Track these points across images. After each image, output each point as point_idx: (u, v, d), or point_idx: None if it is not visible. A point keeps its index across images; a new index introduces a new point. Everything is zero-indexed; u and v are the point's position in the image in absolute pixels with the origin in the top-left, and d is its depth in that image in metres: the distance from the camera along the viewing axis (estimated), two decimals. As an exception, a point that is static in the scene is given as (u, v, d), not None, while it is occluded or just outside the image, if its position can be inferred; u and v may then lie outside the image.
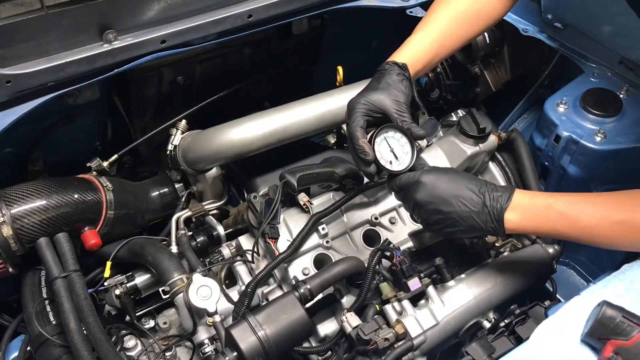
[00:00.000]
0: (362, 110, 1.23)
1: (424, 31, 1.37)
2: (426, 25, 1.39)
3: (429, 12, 1.43)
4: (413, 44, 1.36)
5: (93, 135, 1.89)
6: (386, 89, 1.24)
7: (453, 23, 1.39)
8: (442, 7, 1.41)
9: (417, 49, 1.35)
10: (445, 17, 1.39)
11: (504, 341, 1.40)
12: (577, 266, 1.98)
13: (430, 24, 1.39)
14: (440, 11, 1.40)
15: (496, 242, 1.47)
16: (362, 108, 1.23)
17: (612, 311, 1.01)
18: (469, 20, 1.41)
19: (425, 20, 1.41)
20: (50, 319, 1.40)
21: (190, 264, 1.50)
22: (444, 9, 1.40)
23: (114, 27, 1.46)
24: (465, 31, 1.42)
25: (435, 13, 1.40)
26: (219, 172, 1.70)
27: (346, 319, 1.27)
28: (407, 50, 1.34)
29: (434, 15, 1.40)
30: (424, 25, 1.39)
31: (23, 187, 1.43)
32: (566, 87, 1.77)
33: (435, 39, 1.37)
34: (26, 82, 1.39)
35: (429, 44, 1.36)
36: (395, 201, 1.58)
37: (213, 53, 1.80)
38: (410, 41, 1.36)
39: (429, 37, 1.37)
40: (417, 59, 1.33)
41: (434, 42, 1.36)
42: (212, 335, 1.35)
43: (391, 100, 1.23)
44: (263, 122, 1.56)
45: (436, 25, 1.38)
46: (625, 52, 1.70)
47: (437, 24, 1.38)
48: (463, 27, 1.41)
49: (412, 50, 1.34)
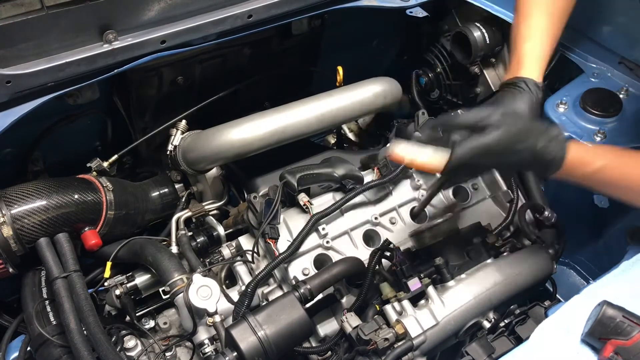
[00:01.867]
0: None
1: (532, 40, 1.37)
2: (529, 31, 1.38)
3: (522, 17, 1.41)
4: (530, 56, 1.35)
5: (93, 136, 1.89)
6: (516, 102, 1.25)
7: (550, 23, 1.39)
8: (534, 8, 1.40)
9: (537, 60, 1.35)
10: (541, 18, 1.39)
11: (504, 341, 1.40)
12: (577, 266, 1.98)
13: (532, 30, 1.38)
14: (535, 14, 1.40)
15: (496, 242, 1.47)
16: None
17: (612, 311, 1.01)
18: (560, 20, 1.42)
19: (523, 26, 1.39)
20: (51, 319, 1.40)
21: (190, 264, 1.50)
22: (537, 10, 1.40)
23: (114, 27, 1.46)
24: (559, 31, 1.43)
25: (531, 18, 1.39)
26: (219, 172, 1.70)
27: (346, 319, 1.27)
28: (529, 64, 1.33)
29: (531, 21, 1.39)
30: (527, 34, 1.38)
31: (23, 188, 1.43)
32: (566, 87, 1.77)
33: (545, 43, 1.37)
34: (26, 82, 1.39)
35: (543, 50, 1.36)
36: (395, 201, 1.58)
37: (213, 53, 1.80)
38: (526, 54, 1.35)
39: (540, 44, 1.37)
40: (541, 69, 1.35)
41: (544, 48, 1.37)
42: (212, 335, 1.35)
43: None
44: (263, 123, 1.56)
45: (539, 30, 1.38)
46: (625, 52, 1.70)
47: (538, 28, 1.38)
48: (558, 24, 1.42)
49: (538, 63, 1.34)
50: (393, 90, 1.74)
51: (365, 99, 1.68)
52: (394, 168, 1.53)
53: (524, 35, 1.38)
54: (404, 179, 1.62)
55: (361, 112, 1.70)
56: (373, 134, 2.38)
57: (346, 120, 1.71)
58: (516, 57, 1.36)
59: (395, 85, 1.75)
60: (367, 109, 1.70)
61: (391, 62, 2.40)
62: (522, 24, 1.40)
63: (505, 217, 1.57)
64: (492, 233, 1.49)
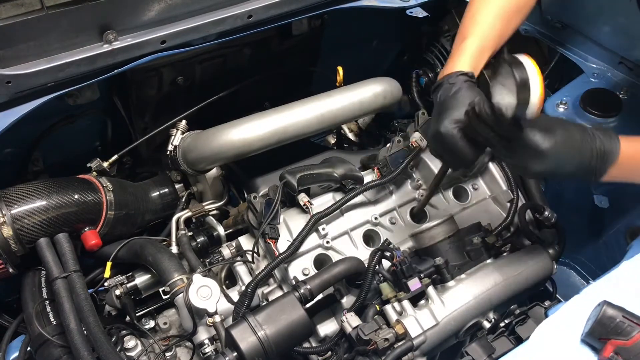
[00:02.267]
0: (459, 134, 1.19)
1: (475, 36, 1.36)
2: (473, 28, 1.37)
3: (472, 13, 1.41)
4: (469, 50, 1.34)
5: (93, 136, 1.89)
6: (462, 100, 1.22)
7: (498, 22, 1.38)
8: (484, 7, 1.40)
9: (474, 55, 1.34)
10: (490, 17, 1.38)
11: (504, 341, 1.40)
12: (577, 266, 1.98)
13: (477, 26, 1.38)
14: (484, 12, 1.39)
15: (496, 242, 1.47)
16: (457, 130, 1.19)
17: (612, 311, 1.01)
18: (512, 17, 1.41)
19: (470, 23, 1.39)
20: (51, 319, 1.40)
21: (190, 264, 1.50)
22: (486, 9, 1.39)
23: (114, 27, 1.46)
24: (509, 28, 1.42)
25: (479, 15, 1.39)
26: (219, 172, 1.70)
27: (346, 319, 1.27)
28: (465, 58, 1.32)
29: (478, 17, 1.39)
30: (472, 29, 1.37)
31: (23, 188, 1.43)
32: (566, 87, 1.77)
33: (487, 41, 1.36)
34: (26, 83, 1.39)
35: (483, 47, 1.35)
36: (395, 201, 1.58)
37: (213, 53, 1.80)
38: (466, 48, 1.34)
39: (481, 41, 1.36)
40: (477, 65, 1.34)
41: (485, 46, 1.36)
42: (212, 335, 1.35)
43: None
44: (263, 123, 1.56)
45: (483, 27, 1.37)
46: (625, 52, 1.71)
47: (484, 25, 1.37)
48: (508, 24, 1.41)
49: (470, 57, 1.33)
50: (393, 90, 1.74)
51: (365, 99, 1.68)
52: (394, 168, 1.53)
53: (468, 32, 1.37)
54: (404, 179, 1.62)
55: (361, 112, 1.70)
56: (373, 134, 2.38)
57: (346, 120, 1.71)
58: (455, 52, 1.35)
59: (395, 85, 1.75)
60: (367, 109, 1.70)
61: (391, 62, 2.40)
62: (468, 22, 1.39)
63: (505, 217, 1.57)
64: (492, 233, 1.49)
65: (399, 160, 1.55)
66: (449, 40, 1.98)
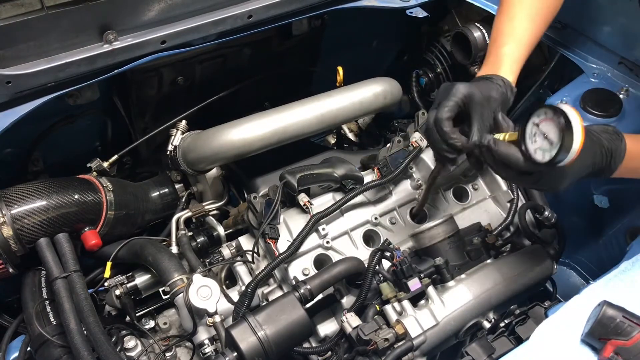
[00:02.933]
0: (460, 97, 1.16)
1: (513, 42, 1.36)
2: (511, 32, 1.38)
3: (508, 16, 1.41)
4: (509, 58, 1.34)
5: (93, 136, 1.89)
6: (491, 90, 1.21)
7: (534, 26, 1.40)
8: (519, 9, 1.40)
9: (515, 64, 1.34)
10: (526, 22, 1.39)
11: (504, 341, 1.40)
12: (577, 266, 1.98)
13: (514, 31, 1.38)
14: (519, 15, 1.39)
15: (496, 242, 1.47)
16: (461, 96, 1.16)
17: (612, 311, 1.01)
18: (544, 18, 1.43)
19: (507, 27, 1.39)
20: (51, 320, 1.40)
21: (190, 264, 1.50)
22: (522, 12, 1.40)
23: (114, 27, 1.46)
24: (543, 29, 1.44)
25: (516, 19, 1.39)
26: (219, 172, 1.70)
27: (346, 319, 1.27)
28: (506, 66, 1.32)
29: (515, 21, 1.39)
30: (510, 34, 1.38)
31: (23, 188, 1.43)
32: (566, 88, 1.77)
33: (524, 48, 1.37)
34: (26, 83, 1.39)
35: (521, 56, 1.36)
36: (395, 201, 1.58)
37: (213, 53, 1.80)
38: (505, 55, 1.34)
39: (519, 48, 1.36)
40: (517, 75, 1.34)
41: (523, 54, 1.37)
42: (212, 335, 1.35)
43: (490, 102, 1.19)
44: (263, 123, 1.56)
45: (521, 33, 1.38)
46: (625, 52, 1.70)
47: (520, 30, 1.38)
48: (541, 27, 1.43)
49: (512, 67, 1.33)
50: (393, 90, 1.74)
51: (365, 99, 1.68)
52: (394, 168, 1.53)
53: (506, 36, 1.37)
54: (404, 179, 1.62)
55: (361, 112, 1.70)
56: (373, 134, 2.38)
57: (346, 120, 1.71)
58: (495, 56, 1.35)
59: (395, 85, 1.75)
60: (367, 109, 1.70)
61: (391, 62, 2.40)
62: (505, 24, 1.39)
63: (505, 217, 1.57)
64: (492, 233, 1.49)
65: (399, 160, 1.55)
66: (449, 41, 1.98)
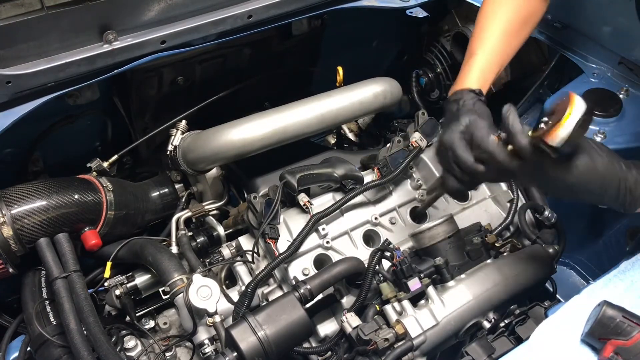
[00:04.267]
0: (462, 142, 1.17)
1: (483, 52, 1.39)
2: (481, 44, 1.41)
3: (479, 30, 1.44)
4: (477, 66, 1.37)
5: (93, 136, 1.89)
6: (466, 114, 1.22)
7: (505, 37, 1.42)
8: (491, 23, 1.43)
9: (482, 71, 1.36)
10: (497, 32, 1.41)
11: (504, 341, 1.40)
12: (577, 266, 1.98)
13: (485, 42, 1.41)
14: (491, 27, 1.42)
15: (496, 242, 1.47)
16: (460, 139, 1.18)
17: (612, 311, 1.01)
18: (519, 30, 1.45)
19: (478, 39, 1.42)
20: (51, 320, 1.40)
21: (190, 264, 1.50)
22: (493, 25, 1.42)
23: (114, 27, 1.46)
24: (517, 41, 1.46)
25: (486, 31, 1.42)
26: (219, 172, 1.70)
27: (346, 319, 1.27)
28: (474, 75, 1.35)
29: (485, 33, 1.42)
30: (479, 45, 1.41)
31: (23, 188, 1.43)
32: (566, 87, 1.77)
33: (494, 57, 1.39)
34: (26, 83, 1.39)
35: (491, 63, 1.38)
36: (395, 201, 1.58)
37: (213, 53, 1.80)
38: (474, 64, 1.37)
39: (489, 57, 1.39)
40: (486, 81, 1.36)
41: (493, 61, 1.39)
42: (212, 335, 1.35)
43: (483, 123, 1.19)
44: (263, 123, 1.56)
45: (491, 43, 1.40)
46: (625, 52, 1.71)
47: (491, 41, 1.40)
48: (515, 38, 1.44)
49: (478, 74, 1.36)
50: (393, 90, 1.74)
51: (365, 99, 1.68)
52: (394, 168, 1.53)
53: (476, 50, 1.40)
54: (404, 179, 1.62)
55: (361, 112, 1.70)
56: (373, 134, 2.38)
57: (346, 120, 1.71)
58: (464, 71, 1.38)
59: (395, 85, 1.75)
60: (367, 109, 1.70)
61: (391, 62, 2.40)
62: (476, 40, 1.42)
63: (505, 217, 1.57)
64: (492, 233, 1.49)
65: (399, 160, 1.55)
66: (448, 41, 1.98)
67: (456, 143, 1.16)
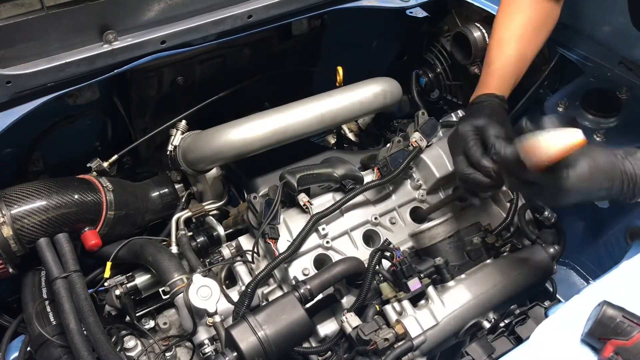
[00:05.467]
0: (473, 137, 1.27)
1: (501, 60, 1.45)
2: (499, 52, 1.46)
3: (496, 39, 1.49)
4: (497, 75, 1.44)
5: (93, 136, 1.89)
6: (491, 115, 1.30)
7: (521, 45, 1.47)
8: (506, 30, 1.48)
9: (502, 80, 1.43)
10: (513, 42, 1.46)
11: (503, 341, 1.40)
12: (577, 266, 1.98)
13: (501, 52, 1.46)
14: (506, 36, 1.47)
15: (496, 242, 1.47)
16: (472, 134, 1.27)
17: (612, 311, 1.01)
18: (533, 36, 1.50)
19: (496, 49, 1.48)
20: (51, 320, 1.40)
21: (190, 264, 1.50)
22: (509, 33, 1.47)
23: (114, 27, 1.46)
24: (533, 48, 1.51)
25: (503, 40, 1.48)
26: (219, 172, 1.70)
27: (346, 319, 1.27)
28: (494, 82, 1.42)
29: (502, 42, 1.47)
30: (498, 55, 1.46)
31: (23, 188, 1.43)
32: (566, 87, 1.77)
33: (512, 65, 1.45)
34: (26, 83, 1.39)
35: (510, 72, 1.45)
36: (395, 201, 1.58)
37: (213, 53, 1.80)
38: (494, 73, 1.44)
39: (508, 66, 1.45)
40: (506, 89, 1.43)
41: (512, 70, 1.45)
42: (212, 335, 1.35)
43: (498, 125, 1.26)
44: (263, 123, 1.56)
45: (509, 52, 1.46)
46: (625, 52, 1.70)
47: (508, 51, 1.46)
48: (531, 45, 1.50)
49: (498, 82, 1.42)
50: (393, 90, 1.74)
51: (365, 99, 1.68)
52: (394, 168, 1.53)
53: (495, 59, 1.46)
54: (404, 179, 1.62)
55: (361, 112, 1.70)
56: (373, 134, 2.38)
57: (346, 120, 1.71)
58: (485, 77, 1.45)
59: (395, 85, 1.75)
60: (367, 109, 1.70)
61: (391, 62, 2.40)
62: (494, 49, 1.48)
63: (505, 217, 1.57)
64: (492, 233, 1.49)
65: (399, 160, 1.55)
66: (448, 41, 1.98)
67: (470, 137, 1.26)
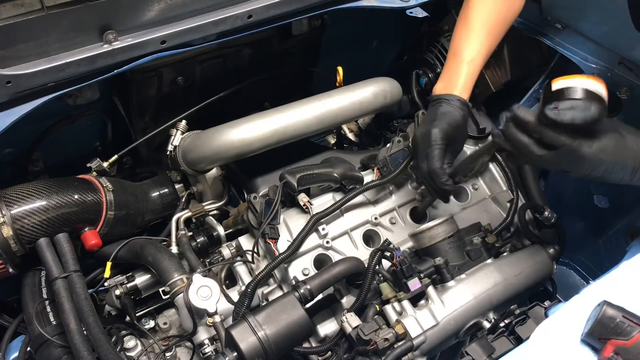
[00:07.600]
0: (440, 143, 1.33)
1: (469, 55, 1.46)
2: (468, 46, 1.48)
3: (465, 30, 1.49)
4: (465, 73, 1.44)
5: (93, 136, 1.89)
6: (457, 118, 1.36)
7: (489, 38, 1.49)
8: (475, 22, 1.49)
9: (471, 78, 1.45)
10: (482, 35, 1.48)
11: (504, 341, 1.40)
12: (577, 266, 1.98)
13: (471, 45, 1.48)
14: (475, 28, 1.48)
15: (496, 242, 1.47)
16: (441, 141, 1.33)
17: (612, 311, 1.01)
18: (500, 29, 1.52)
19: (465, 40, 1.48)
20: (51, 320, 1.40)
21: (190, 264, 1.50)
22: (478, 25, 1.48)
23: (114, 27, 1.46)
24: (498, 39, 1.53)
25: (472, 32, 1.48)
26: (219, 172, 1.70)
27: (346, 319, 1.27)
28: (462, 81, 1.43)
29: (472, 34, 1.48)
30: (466, 46, 1.47)
31: (23, 188, 1.43)
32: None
33: (481, 61, 1.47)
34: (26, 83, 1.39)
35: (477, 69, 1.46)
36: (395, 201, 1.58)
37: (213, 53, 1.80)
38: (462, 70, 1.45)
39: (476, 62, 1.46)
40: (470, 88, 1.44)
41: (477, 63, 1.47)
42: (212, 335, 1.36)
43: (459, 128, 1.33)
44: (263, 123, 1.56)
45: (477, 47, 1.47)
46: (625, 52, 1.70)
47: (476, 45, 1.47)
48: (496, 37, 1.52)
49: (467, 81, 1.44)
50: (393, 90, 1.74)
51: (365, 99, 1.68)
52: (394, 168, 1.53)
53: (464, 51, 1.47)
54: (403, 179, 1.62)
55: (361, 112, 1.70)
56: (373, 134, 2.38)
57: (346, 120, 1.71)
58: (453, 72, 1.46)
59: (395, 85, 1.75)
60: (367, 109, 1.70)
61: (391, 62, 2.40)
62: (462, 39, 1.49)
63: (505, 217, 1.57)
64: (492, 233, 1.49)
65: (399, 160, 1.55)
66: (448, 41, 1.98)
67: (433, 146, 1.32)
